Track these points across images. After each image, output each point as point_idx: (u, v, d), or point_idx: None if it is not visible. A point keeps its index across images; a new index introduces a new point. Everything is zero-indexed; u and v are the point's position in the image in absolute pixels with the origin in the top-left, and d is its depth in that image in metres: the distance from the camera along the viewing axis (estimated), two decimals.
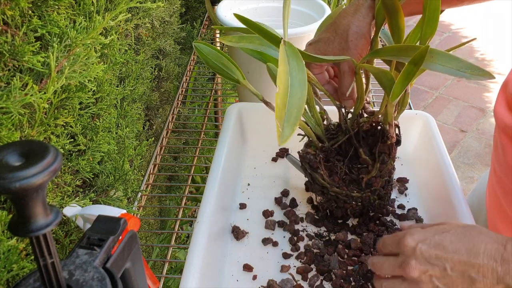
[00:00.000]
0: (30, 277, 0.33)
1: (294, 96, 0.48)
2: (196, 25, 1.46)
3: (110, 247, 0.37)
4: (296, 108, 0.48)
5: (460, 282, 0.50)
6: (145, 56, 0.98)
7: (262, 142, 0.88)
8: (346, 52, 0.62)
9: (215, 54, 0.66)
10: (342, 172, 0.67)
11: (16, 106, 0.48)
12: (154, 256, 1.15)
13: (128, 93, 0.83)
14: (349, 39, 0.62)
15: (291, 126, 0.47)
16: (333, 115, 0.71)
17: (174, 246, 0.83)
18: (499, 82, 0.75)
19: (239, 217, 0.74)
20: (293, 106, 0.48)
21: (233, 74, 0.67)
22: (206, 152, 1.34)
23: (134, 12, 0.84)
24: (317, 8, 1.04)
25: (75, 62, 0.55)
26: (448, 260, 0.51)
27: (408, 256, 0.53)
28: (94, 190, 0.72)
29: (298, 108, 0.48)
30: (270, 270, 0.66)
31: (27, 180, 0.25)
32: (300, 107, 0.48)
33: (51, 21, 0.53)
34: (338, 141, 0.67)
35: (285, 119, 0.47)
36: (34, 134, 0.54)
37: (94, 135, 0.67)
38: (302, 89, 0.49)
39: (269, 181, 0.81)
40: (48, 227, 0.28)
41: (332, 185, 0.67)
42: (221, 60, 0.66)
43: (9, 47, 0.48)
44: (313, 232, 0.72)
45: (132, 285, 0.40)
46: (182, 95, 1.20)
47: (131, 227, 0.52)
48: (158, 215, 1.27)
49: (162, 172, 1.13)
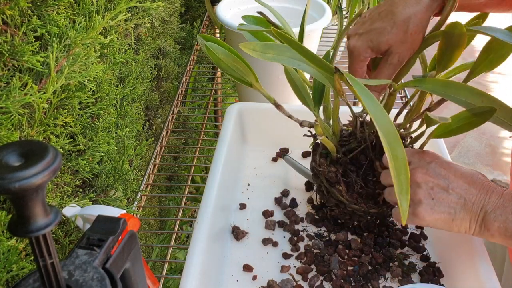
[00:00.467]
0: (30, 277, 0.33)
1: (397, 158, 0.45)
2: (196, 24, 1.46)
3: (109, 248, 0.37)
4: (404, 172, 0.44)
5: (454, 202, 0.55)
6: (145, 56, 0.98)
7: (262, 142, 0.88)
8: (403, 45, 0.59)
9: (230, 57, 0.58)
10: (358, 185, 0.65)
11: (16, 106, 0.48)
12: (154, 256, 1.15)
13: (128, 93, 0.83)
14: (409, 31, 0.58)
15: (405, 196, 0.44)
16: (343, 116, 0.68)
17: (174, 247, 0.83)
18: (499, 82, 0.75)
19: (239, 217, 0.74)
20: (400, 170, 0.44)
21: (246, 77, 0.62)
22: (206, 152, 1.34)
23: (133, 12, 0.84)
24: (317, 8, 1.04)
25: (75, 62, 0.55)
26: (454, 181, 0.56)
27: (420, 166, 0.58)
28: (93, 190, 0.71)
29: (405, 172, 0.44)
30: (270, 270, 0.66)
31: (27, 180, 0.25)
32: (406, 169, 0.44)
33: (50, 21, 0.53)
34: (351, 148, 0.65)
35: (398, 189, 0.44)
36: (34, 134, 0.54)
37: (94, 135, 0.67)
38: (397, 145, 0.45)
39: (269, 181, 0.81)
40: (47, 227, 0.28)
41: (351, 202, 0.66)
42: (236, 63, 0.59)
43: (8, 46, 0.48)
44: (313, 232, 0.71)
45: (132, 285, 0.40)
46: (182, 95, 1.20)
47: (131, 227, 0.52)
48: (158, 215, 1.27)
49: (162, 172, 1.12)
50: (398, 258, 0.66)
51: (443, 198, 0.56)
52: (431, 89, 0.54)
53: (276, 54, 0.55)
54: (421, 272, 0.65)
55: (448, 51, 0.53)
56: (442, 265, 0.66)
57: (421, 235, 0.71)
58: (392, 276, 0.64)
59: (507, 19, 0.73)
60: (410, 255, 0.68)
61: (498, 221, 0.53)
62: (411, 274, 0.65)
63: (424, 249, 0.69)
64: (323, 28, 1.09)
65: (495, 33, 0.50)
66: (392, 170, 0.44)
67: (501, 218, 0.53)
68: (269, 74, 0.98)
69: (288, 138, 0.86)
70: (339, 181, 0.65)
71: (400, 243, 0.69)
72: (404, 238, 0.70)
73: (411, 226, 0.73)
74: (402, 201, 0.44)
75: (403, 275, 0.65)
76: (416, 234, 0.70)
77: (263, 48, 0.55)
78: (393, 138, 0.46)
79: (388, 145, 0.45)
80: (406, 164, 0.45)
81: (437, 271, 0.65)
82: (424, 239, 0.71)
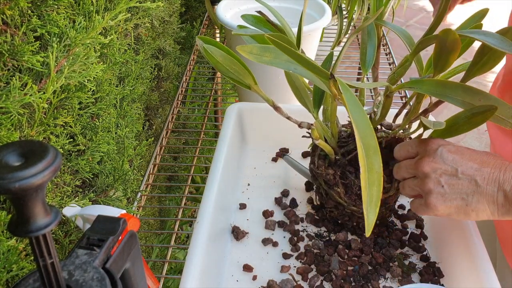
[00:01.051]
0: (30, 277, 0.33)
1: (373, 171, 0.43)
2: (196, 24, 1.45)
3: (109, 248, 0.37)
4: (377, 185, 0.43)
5: (466, 186, 0.53)
6: (145, 56, 0.98)
7: (262, 142, 0.88)
8: None
9: (228, 59, 0.58)
10: (356, 187, 0.65)
11: (16, 106, 0.47)
12: (154, 256, 1.15)
13: (128, 93, 0.83)
14: None
15: (374, 209, 0.43)
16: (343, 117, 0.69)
17: (174, 247, 0.83)
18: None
19: (239, 217, 0.74)
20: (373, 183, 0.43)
21: (244, 79, 0.60)
22: (206, 152, 1.34)
23: (133, 12, 0.84)
24: (317, 8, 1.04)
25: (75, 62, 0.55)
26: (463, 164, 0.54)
27: (427, 154, 0.56)
28: (93, 190, 0.71)
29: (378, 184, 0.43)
30: (270, 270, 0.66)
31: (27, 180, 0.25)
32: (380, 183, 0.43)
33: (50, 21, 0.53)
34: (349, 149, 0.65)
35: (367, 201, 0.43)
36: (34, 134, 0.54)
37: (94, 135, 0.67)
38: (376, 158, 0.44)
39: (269, 181, 0.81)
40: (47, 227, 0.28)
41: (349, 204, 0.66)
42: (234, 65, 0.58)
43: (8, 46, 0.48)
44: (313, 232, 0.71)
45: (132, 285, 0.40)
46: (182, 95, 1.20)
47: (131, 227, 0.52)
48: (158, 215, 1.27)
49: (162, 172, 1.12)
50: (398, 258, 0.67)
51: (453, 184, 0.54)
52: (428, 91, 0.54)
53: (273, 57, 0.54)
54: (421, 272, 0.65)
55: (443, 56, 0.53)
56: (442, 265, 0.66)
57: (421, 235, 0.71)
58: (392, 276, 0.64)
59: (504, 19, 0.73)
60: (410, 255, 0.68)
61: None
62: (411, 274, 0.65)
63: (424, 249, 0.69)
64: (323, 28, 1.09)
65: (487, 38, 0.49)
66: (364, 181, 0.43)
67: None
68: (270, 74, 0.98)
69: (288, 138, 0.86)
70: (337, 183, 0.65)
71: (400, 243, 0.69)
72: (404, 238, 0.70)
73: (411, 226, 0.73)
74: (369, 213, 0.43)
75: (403, 275, 0.65)
76: (416, 234, 0.70)
77: (260, 51, 0.54)
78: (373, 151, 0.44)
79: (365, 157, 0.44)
80: (380, 178, 0.43)
81: (437, 271, 0.65)
82: (424, 239, 0.71)
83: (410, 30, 2.92)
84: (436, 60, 0.54)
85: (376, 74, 0.70)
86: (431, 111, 0.61)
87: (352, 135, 0.66)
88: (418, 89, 0.54)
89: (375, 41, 0.66)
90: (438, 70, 0.56)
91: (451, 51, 0.51)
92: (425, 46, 0.56)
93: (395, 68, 0.64)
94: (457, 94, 0.51)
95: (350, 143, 0.65)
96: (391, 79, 0.63)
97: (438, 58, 0.54)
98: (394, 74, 0.63)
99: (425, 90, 0.54)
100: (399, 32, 0.65)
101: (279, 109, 0.64)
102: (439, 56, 0.53)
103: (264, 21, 0.67)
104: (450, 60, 0.53)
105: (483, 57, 0.54)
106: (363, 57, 0.66)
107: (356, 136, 0.44)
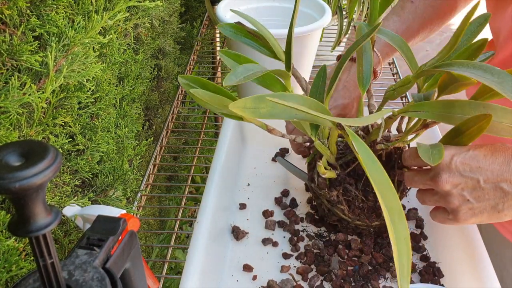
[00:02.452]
0: (30, 277, 0.33)
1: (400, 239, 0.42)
2: (196, 24, 1.45)
3: (109, 247, 0.37)
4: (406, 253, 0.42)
5: (492, 195, 0.50)
6: (145, 56, 0.98)
7: (262, 142, 0.88)
8: None
9: (217, 98, 0.54)
10: (359, 199, 0.64)
11: (14, 106, 0.47)
12: (154, 256, 1.14)
13: (128, 93, 0.83)
14: None
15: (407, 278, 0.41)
16: None
17: (174, 246, 0.83)
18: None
19: (239, 217, 0.74)
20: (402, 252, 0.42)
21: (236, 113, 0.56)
22: (206, 152, 1.34)
23: (133, 12, 0.84)
24: (317, 8, 1.04)
25: (74, 61, 0.55)
26: (483, 171, 0.51)
27: (442, 170, 0.53)
28: (93, 190, 0.71)
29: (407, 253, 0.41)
30: (270, 270, 0.66)
31: (27, 180, 0.25)
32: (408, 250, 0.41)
33: (49, 21, 0.53)
34: (347, 160, 0.63)
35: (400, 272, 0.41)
36: (33, 133, 0.54)
37: (93, 134, 0.67)
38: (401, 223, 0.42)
39: (269, 181, 0.81)
40: (48, 227, 0.28)
41: (354, 219, 0.65)
42: (224, 102, 0.54)
43: (7, 46, 0.48)
44: (313, 232, 0.71)
45: (132, 285, 0.40)
46: (182, 95, 1.20)
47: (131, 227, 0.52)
48: (158, 215, 1.27)
49: (162, 172, 1.12)
50: None
51: (479, 196, 0.51)
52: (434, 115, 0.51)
53: (271, 107, 0.49)
54: (421, 272, 0.65)
55: (452, 86, 0.51)
56: (442, 265, 0.66)
57: (421, 235, 0.71)
58: (392, 276, 0.64)
59: None
60: None
61: None
62: (411, 274, 0.65)
63: (424, 249, 0.69)
64: (323, 28, 1.09)
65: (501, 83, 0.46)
66: (395, 253, 0.42)
67: None
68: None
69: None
70: (340, 201, 0.64)
71: None
72: None
73: (411, 226, 0.73)
74: (403, 283, 0.42)
75: None
76: (416, 234, 0.70)
77: (255, 103, 0.49)
78: (399, 216, 0.42)
79: (392, 224, 0.42)
80: (409, 243, 0.42)
81: (437, 271, 0.65)
82: (424, 239, 0.70)
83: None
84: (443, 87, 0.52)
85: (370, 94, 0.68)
86: (431, 126, 0.59)
87: (348, 146, 0.65)
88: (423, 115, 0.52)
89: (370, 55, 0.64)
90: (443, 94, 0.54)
91: (462, 86, 0.50)
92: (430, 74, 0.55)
93: (396, 84, 0.62)
94: (465, 112, 0.49)
95: (348, 154, 0.64)
96: (390, 95, 0.62)
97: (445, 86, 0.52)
98: (394, 91, 0.61)
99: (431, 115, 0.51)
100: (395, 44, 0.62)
101: (273, 131, 0.62)
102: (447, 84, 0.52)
103: (244, 31, 0.66)
104: (459, 90, 0.51)
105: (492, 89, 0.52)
106: (360, 75, 0.63)
107: (381, 200, 0.43)
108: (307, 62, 1.03)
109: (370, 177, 0.44)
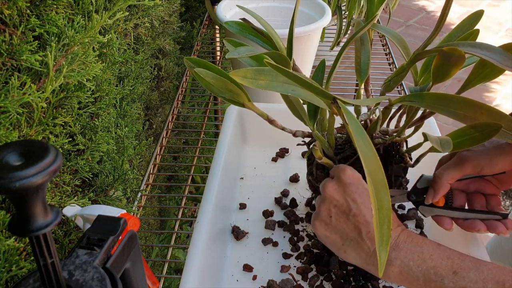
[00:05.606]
0: (30, 277, 0.33)
1: (382, 208, 0.43)
2: (196, 24, 1.45)
3: (110, 247, 0.37)
4: (386, 222, 0.42)
5: (350, 230, 0.53)
6: (145, 56, 0.98)
7: (262, 142, 0.88)
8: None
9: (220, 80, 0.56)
10: None
11: (14, 106, 0.47)
12: (154, 256, 1.14)
13: (128, 93, 0.83)
14: None
15: (385, 248, 0.42)
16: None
17: (174, 246, 0.83)
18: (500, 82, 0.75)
19: (239, 217, 0.74)
20: (383, 221, 0.43)
21: (238, 97, 0.59)
22: (206, 152, 1.33)
23: (133, 12, 0.84)
24: (317, 8, 1.04)
25: (73, 61, 0.55)
26: (358, 209, 0.53)
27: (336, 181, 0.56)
28: (93, 190, 0.71)
29: (388, 222, 0.42)
30: (270, 270, 0.66)
31: (27, 180, 0.25)
32: (389, 220, 0.43)
33: (49, 20, 0.53)
34: (346, 156, 0.63)
35: (379, 240, 0.42)
36: (33, 133, 0.54)
37: (93, 134, 0.67)
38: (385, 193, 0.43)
39: (269, 181, 0.81)
40: (48, 227, 0.28)
41: None
42: (227, 85, 0.56)
43: (7, 46, 0.48)
44: (313, 232, 0.71)
45: (132, 285, 0.40)
46: (182, 95, 1.20)
47: (131, 227, 0.52)
48: (158, 215, 1.27)
49: (162, 172, 1.12)
50: None
51: (340, 221, 0.54)
52: (429, 105, 0.52)
53: (269, 80, 0.53)
54: None
55: (445, 68, 0.52)
56: None
57: (421, 235, 0.70)
58: None
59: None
60: None
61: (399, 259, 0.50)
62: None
63: None
64: (323, 28, 1.09)
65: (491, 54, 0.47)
66: (376, 221, 0.43)
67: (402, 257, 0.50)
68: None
69: (288, 138, 0.86)
70: None
71: None
72: None
73: (411, 226, 0.73)
74: (381, 252, 0.43)
75: None
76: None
77: (255, 74, 0.52)
78: (381, 186, 0.44)
79: (375, 194, 0.43)
80: (390, 215, 0.43)
81: None
82: None
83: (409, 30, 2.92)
84: (436, 72, 0.53)
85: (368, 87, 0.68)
86: (428, 117, 0.60)
87: (347, 141, 0.65)
88: (419, 103, 0.53)
89: (368, 48, 0.65)
90: (437, 81, 0.55)
91: (453, 66, 0.50)
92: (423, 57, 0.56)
93: (391, 75, 0.63)
94: (459, 108, 0.49)
95: (347, 149, 0.64)
96: (387, 86, 0.62)
97: (438, 70, 0.53)
98: (390, 81, 0.62)
99: (426, 104, 0.52)
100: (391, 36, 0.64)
101: (274, 122, 0.63)
102: (440, 69, 0.52)
103: (249, 28, 0.67)
104: (451, 73, 0.52)
105: (484, 69, 0.52)
106: (358, 67, 0.64)
107: (365, 170, 0.44)
108: (307, 62, 1.03)
109: (358, 147, 0.45)
